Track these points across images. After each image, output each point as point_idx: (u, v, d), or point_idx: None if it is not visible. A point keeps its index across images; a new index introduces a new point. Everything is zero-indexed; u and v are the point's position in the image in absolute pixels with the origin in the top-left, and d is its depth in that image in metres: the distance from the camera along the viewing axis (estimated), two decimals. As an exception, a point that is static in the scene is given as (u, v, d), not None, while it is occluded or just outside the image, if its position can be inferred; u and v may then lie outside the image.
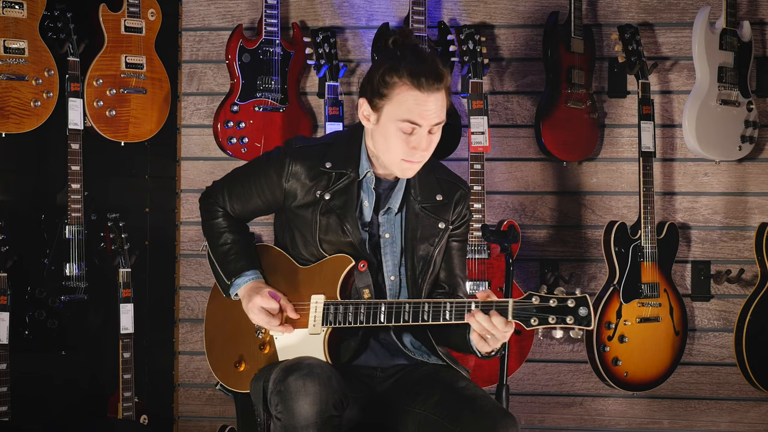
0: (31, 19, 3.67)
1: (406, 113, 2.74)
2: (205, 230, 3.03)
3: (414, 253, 2.89)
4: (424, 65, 2.73)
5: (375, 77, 2.77)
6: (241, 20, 4.21)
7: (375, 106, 2.79)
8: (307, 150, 2.90)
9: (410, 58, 2.74)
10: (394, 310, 2.75)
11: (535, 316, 2.63)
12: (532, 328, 2.63)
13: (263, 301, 2.83)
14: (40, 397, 3.83)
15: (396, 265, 2.90)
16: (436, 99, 2.75)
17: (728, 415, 4.19)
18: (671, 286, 4.05)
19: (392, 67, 2.74)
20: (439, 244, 2.92)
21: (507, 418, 2.67)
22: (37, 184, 3.90)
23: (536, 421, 4.23)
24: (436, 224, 2.92)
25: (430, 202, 2.92)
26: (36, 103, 3.68)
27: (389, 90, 2.74)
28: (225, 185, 3.01)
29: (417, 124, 2.74)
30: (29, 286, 3.71)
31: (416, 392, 2.82)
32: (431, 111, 2.74)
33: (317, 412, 2.60)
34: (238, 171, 3.03)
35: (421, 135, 2.76)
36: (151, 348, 4.18)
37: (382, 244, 2.90)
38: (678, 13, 4.18)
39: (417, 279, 2.89)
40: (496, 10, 4.22)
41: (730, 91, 4.05)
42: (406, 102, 2.73)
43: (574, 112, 4.08)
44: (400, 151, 2.78)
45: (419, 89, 2.72)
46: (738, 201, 4.18)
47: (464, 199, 2.98)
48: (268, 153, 2.99)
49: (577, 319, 2.62)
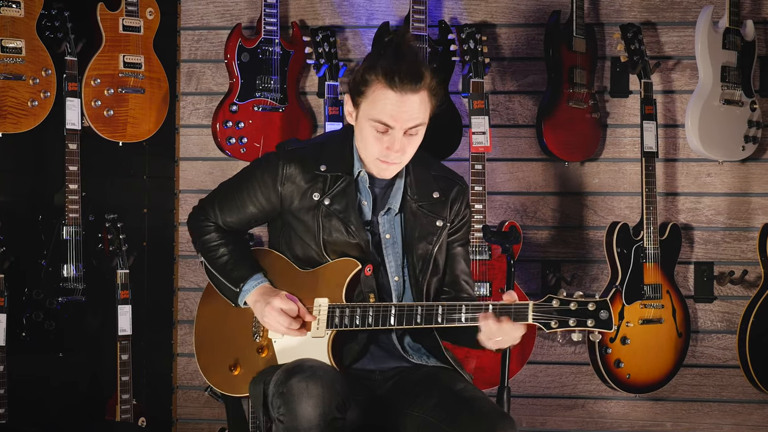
0: (28, 18, 3.66)
1: (378, 113, 2.72)
2: (199, 247, 2.99)
3: (414, 252, 2.88)
4: (401, 65, 2.69)
5: (357, 74, 2.76)
6: (240, 19, 4.20)
7: (355, 103, 2.79)
8: (300, 152, 2.88)
9: (390, 56, 2.72)
10: (406, 313, 2.74)
11: (555, 319, 2.64)
12: (552, 330, 2.64)
13: (281, 303, 2.79)
14: (38, 400, 3.82)
15: (399, 265, 2.88)
16: (413, 101, 2.71)
17: (731, 417, 4.18)
18: (674, 287, 4.03)
19: (371, 65, 2.73)
20: (438, 243, 2.89)
21: (505, 420, 2.67)
22: (35, 184, 3.89)
23: (538, 424, 4.22)
24: (433, 222, 2.90)
25: (426, 201, 2.90)
26: (33, 103, 3.66)
27: (366, 88, 2.73)
28: (214, 200, 2.98)
29: (388, 125, 2.72)
30: (26, 287, 3.70)
31: (415, 394, 2.81)
32: (405, 113, 2.70)
33: (320, 414, 2.59)
34: (225, 184, 2.99)
35: (394, 136, 2.73)
36: (150, 350, 4.17)
37: (384, 244, 2.88)
38: (681, 12, 4.16)
39: (418, 278, 2.87)
40: (497, 9, 4.20)
41: (733, 90, 4.04)
42: (379, 101, 2.71)
43: (575, 111, 4.06)
44: (375, 150, 2.76)
45: (392, 89, 2.69)
46: (741, 201, 4.16)
47: (462, 195, 2.96)
48: (258, 159, 2.97)
49: (599, 323, 2.63)
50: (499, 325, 2.65)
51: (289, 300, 2.80)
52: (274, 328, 2.82)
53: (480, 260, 3.92)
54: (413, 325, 2.73)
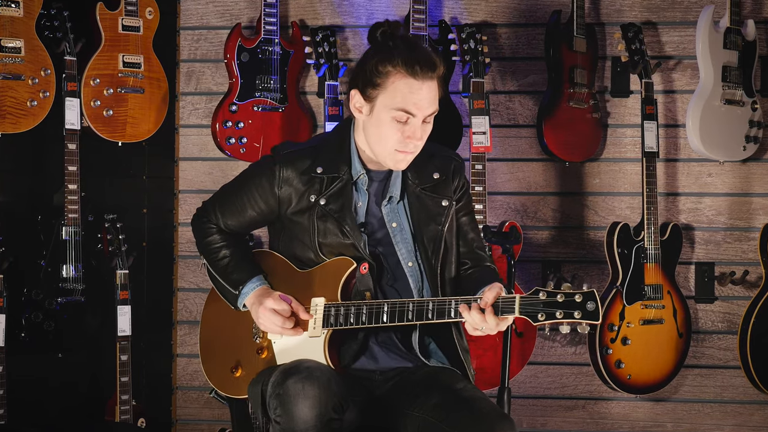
0: (27, 17, 3.65)
1: (400, 102, 2.75)
2: (201, 249, 3.02)
3: (423, 235, 2.89)
4: (418, 53, 2.76)
5: (367, 67, 2.78)
6: (240, 19, 4.19)
7: (368, 96, 2.79)
8: (296, 155, 2.89)
9: (403, 47, 2.77)
10: (398, 310, 2.75)
11: (542, 312, 2.64)
12: (539, 323, 2.65)
13: (275, 303, 2.82)
14: (37, 401, 3.81)
15: (410, 251, 2.89)
16: (430, 87, 2.77)
17: (732, 418, 4.17)
18: (675, 287, 4.03)
19: (386, 56, 2.75)
20: (447, 222, 2.91)
21: (504, 421, 2.67)
22: (34, 184, 3.89)
23: (538, 425, 4.21)
24: (439, 203, 2.91)
25: (428, 183, 2.92)
26: (32, 103, 3.66)
27: (383, 79, 2.75)
28: (216, 203, 3.00)
29: (411, 113, 2.76)
30: (26, 287, 3.69)
31: (415, 395, 2.82)
32: (425, 100, 2.76)
33: (317, 415, 2.59)
34: (226, 187, 3.02)
35: (415, 125, 2.77)
36: (149, 350, 4.17)
37: (392, 233, 2.89)
38: (681, 12, 4.16)
39: (431, 260, 2.89)
40: (497, 9, 4.20)
41: (734, 90, 4.03)
42: (400, 90, 2.75)
43: (576, 111, 4.06)
44: (393, 141, 2.78)
45: (414, 77, 2.74)
46: (742, 202, 4.16)
47: (459, 169, 2.98)
48: (256, 163, 2.99)
49: (585, 314, 2.63)
50: (483, 318, 2.68)
51: (281, 300, 2.82)
52: (269, 328, 2.84)
53: (480, 260, 3.91)
54: (404, 321, 2.75)
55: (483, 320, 2.67)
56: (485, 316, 2.67)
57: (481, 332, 2.72)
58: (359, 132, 2.87)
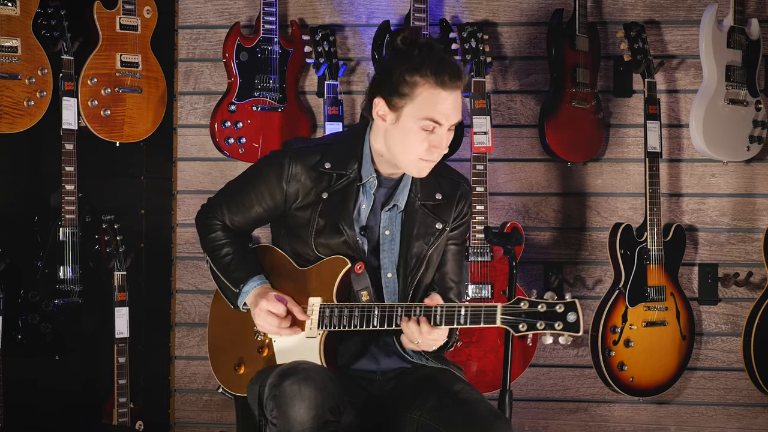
0: (24, 16, 3.65)
1: (429, 112, 2.76)
2: (205, 246, 3.01)
3: (409, 250, 2.89)
4: (446, 63, 2.77)
5: (394, 76, 2.77)
6: (239, 18, 4.18)
7: (394, 105, 2.79)
8: (306, 150, 2.88)
9: (431, 57, 2.77)
10: (387, 314, 2.74)
11: (524, 322, 2.63)
12: (520, 333, 2.64)
13: (269, 305, 2.81)
14: (33, 403, 3.81)
15: (393, 262, 2.89)
16: (456, 97, 2.79)
17: (736, 421, 4.16)
18: (678, 289, 4.01)
19: (414, 66, 2.75)
20: (435, 244, 2.91)
21: (500, 422, 2.68)
22: (31, 185, 3.88)
23: (540, 427, 4.20)
24: (433, 224, 2.91)
25: (429, 201, 2.92)
26: (29, 103, 3.65)
27: (411, 89, 2.75)
28: (221, 199, 2.99)
29: (438, 122, 2.77)
30: (22, 289, 3.68)
31: (413, 396, 2.82)
32: (452, 109, 2.78)
33: (313, 417, 2.60)
34: (232, 182, 3.01)
35: (441, 134, 2.79)
36: (147, 353, 4.16)
37: (381, 240, 2.89)
38: (685, 11, 4.14)
39: (407, 276, 2.88)
40: (498, 8, 4.18)
41: (738, 90, 4.01)
42: (429, 101, 2.75)
43: (578, 111, 4.04)
44: (420, 150, 2.78)
45: (443, 87, 2.75)
46: (746, 202, 4.14)
47: (465, 196, 2.98)
48: (265, 157, 2.98)
49: (566, 325, 2.62)
50: (418, 328, 2.69)
51: (276, 301, 2.81)
52: (266, 329, 2.84)
53: (481, 262, 3.90)
54: (394, 326, 2.74)
55: (418, 330, 2.69)
56: (420, 326, 2.68)
57: (416, 346, 2.74)
58: (376, 136, 2.86)
